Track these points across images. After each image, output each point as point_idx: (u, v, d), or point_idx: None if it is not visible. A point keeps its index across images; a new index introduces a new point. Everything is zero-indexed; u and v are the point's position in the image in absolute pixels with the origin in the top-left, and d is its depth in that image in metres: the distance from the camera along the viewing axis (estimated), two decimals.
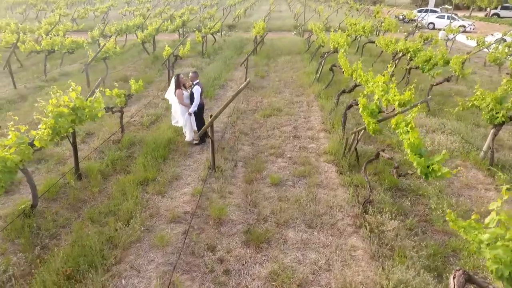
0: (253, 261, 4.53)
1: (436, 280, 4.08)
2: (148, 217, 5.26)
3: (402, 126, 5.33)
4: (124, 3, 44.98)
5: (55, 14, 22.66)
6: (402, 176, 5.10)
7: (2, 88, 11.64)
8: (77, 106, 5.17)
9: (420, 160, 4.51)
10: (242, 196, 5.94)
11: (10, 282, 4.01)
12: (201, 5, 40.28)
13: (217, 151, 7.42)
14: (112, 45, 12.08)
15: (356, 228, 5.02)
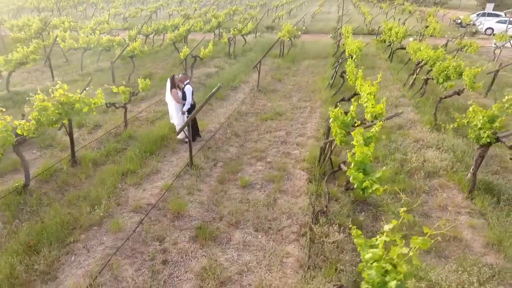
0: (192, 256, 4.87)
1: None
2: (114, 204, 5.83)
3: (358, 139, 5.30)
4: (176, 2, 47.47)
5: (105, 13, 24.71)
6: (350, 189, 5.07)
7: (43, 80, 13.20)
8: (64, 102, 5.89)
9: (357, 175, 4.50)
10: (210, 194, 6.29)
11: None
12: (246, 6, 41.10)
13: (203, 150, 7.85)
14: (138, 45, 13.06)
15: (298, 236, 5.11)
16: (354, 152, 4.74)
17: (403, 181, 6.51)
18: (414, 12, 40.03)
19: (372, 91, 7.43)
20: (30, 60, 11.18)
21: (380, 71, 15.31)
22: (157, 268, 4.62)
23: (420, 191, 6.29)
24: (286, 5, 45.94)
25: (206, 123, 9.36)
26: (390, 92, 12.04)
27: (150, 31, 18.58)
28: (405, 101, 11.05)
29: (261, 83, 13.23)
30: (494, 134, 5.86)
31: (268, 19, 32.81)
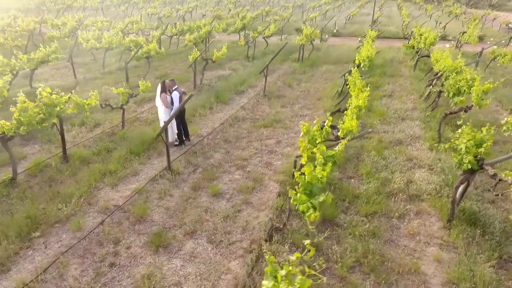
0: (140, 261, 4.98)
1: None
2: (85, 203, 6.12)
3: (319, 157, 5.09)
4: (215, 2, 48.41)
5: (138, 13, 25.80)
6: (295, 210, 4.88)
7: (66, 76, 14.14)
8: (48, 103, 6.28)
9: (299, 197, 4.32)
10: (179, 200, 6.38)
11: None
12: (280, 7, 40.90)
13: (187, 154, 7.98)
14: (154, 46, 13.53)
15: (246, 252, 5.03)
16: (303, 172, 4.56)
17: (379, 203, 6.14)
18: (460, 15, 37.45)
19: (360, 105, 7.13)
20: (52, 59, 12.02)
21: (401, 79, 14.60)
22: (102, 271, 4.79)
23: (395, 215, 5.91)
24: (324, 5, 45.05)
25: (199, 127, 9.49)
26: (403, 103, 11.40)
27: (174, 32, 19.15)
28: (415, 114, 10.40)
29: (270, 88, 13.13)
30: (478, 160, 5.35)
31: (301, 21, 32.35)
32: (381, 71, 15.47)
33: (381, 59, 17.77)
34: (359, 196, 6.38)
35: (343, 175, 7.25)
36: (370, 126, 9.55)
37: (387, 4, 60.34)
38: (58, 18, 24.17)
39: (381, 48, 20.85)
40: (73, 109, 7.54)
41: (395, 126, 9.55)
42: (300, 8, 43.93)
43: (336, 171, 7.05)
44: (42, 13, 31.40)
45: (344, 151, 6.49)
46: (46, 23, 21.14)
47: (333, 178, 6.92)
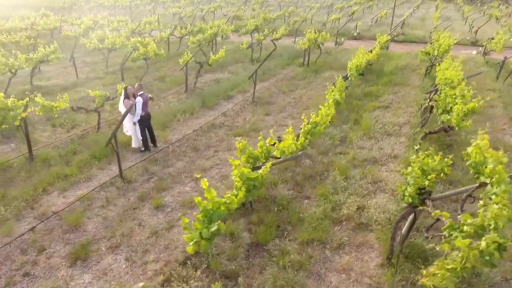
0: (54, 273, 4.96)
1: None
2: (28, 207, 6.22)
3: (236, 180, 4.80)
4: (242, 2, 48.47)
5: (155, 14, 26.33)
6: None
7: (69, 75, 14.66)
8: (1, 107, 6.47)
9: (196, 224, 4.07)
10: (120, 210, 6.32)
11: None
12: (306, 7, 40.06)
13: (147, 161, 7.92)
14: (152, 48, 13.67)
15: (155, 275, 4.83)
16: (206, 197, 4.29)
17: (322, 230, 5.70)
18: (500, 18, 34.62)
19: (317, 121, 6.70)
20: (51, 59, 12.51)
21: (407, 89, 13.68)
22: (14, 280, 4.82)
23: (334, 245, 5.44)
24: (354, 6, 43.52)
25: (168, 133, 9.39)
26: (397, 117, 10.63)
27: (183, 33, 19.30)
28: (404, 130, 9.65)
29: (261, 94, 12.82)
30: (424, 193, 4.78)
31: (324, 22, 31.44)
32: (388, 79, 14.59)
33: (393, 66, 16.80)
34: (304, 220, 5.97)
35: (300, 194, 6.85)
36: (349, 141, 8.98)
37: (426, 4, 57.33)
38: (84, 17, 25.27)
39: (400, 54, 19.77)
40: (39, 112, 7.75)
41: (376, 142, 8.90)
42: (327, 8, 42.80)
43: (263, 194, 6.59)
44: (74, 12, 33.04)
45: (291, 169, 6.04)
46: (66, 22, 22.15)
47: (284, 197, 6.54)
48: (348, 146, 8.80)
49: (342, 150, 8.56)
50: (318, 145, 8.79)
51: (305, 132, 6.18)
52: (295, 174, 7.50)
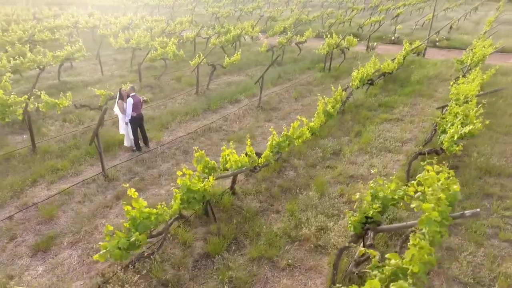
0: (15, 261, 5.38)
1: None
2: (14, 197, 6.79)
3: (175, 190, 4.84)
4: (284, 3, 48.22)
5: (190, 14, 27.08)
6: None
7: (94, 72, 15.64)
8: (3, 104, 7.12)
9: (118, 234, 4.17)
10: (94, 207, 6.65)
11: None
12: (347, 8, 38.74)
13: (134, 160, 8.24)
14: (171, 49, 14.13)
15: (96, 275, 5.03)
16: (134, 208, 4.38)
17: (275, 248, 5.54)
18: None
19: (288, 135, 6.53)
20: (77, 57, 13.46)
21: (429, 101, 12.78)
22: None
23: (282, 265, 5.27)
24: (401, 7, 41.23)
25: (163, 135, 9.64)
26: (405, 132, 9.96)
27: (210, 33, 19.68)
28: (406, 147, 9.02)
29: (270, 99, 12.70)
30: (370, 222, 4.47)
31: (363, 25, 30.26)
32: (411, 90, 13.70)
33: (422, 74, 15.72)
34: (262, 235, 5.85)
35: (271, 207, 6.71)
36: (343, 155, 8.60)
37: (488, 6, 52.68)
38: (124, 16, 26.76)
39: (436, 61, 18.45)
40: (42, 108, 8.40)
41: (370, 158, 8.42)
42: (372, 10, 41.03)
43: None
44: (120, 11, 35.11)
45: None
46: (106, 21, 23.62)
47: (250, 209, 6.46)
48: (339, 160, 8.43)
49: (331, 164, 8.23)
50: (308, 156, 8.52)
51: (271, 145, 6.02)
52: (274, 186, 7.36)
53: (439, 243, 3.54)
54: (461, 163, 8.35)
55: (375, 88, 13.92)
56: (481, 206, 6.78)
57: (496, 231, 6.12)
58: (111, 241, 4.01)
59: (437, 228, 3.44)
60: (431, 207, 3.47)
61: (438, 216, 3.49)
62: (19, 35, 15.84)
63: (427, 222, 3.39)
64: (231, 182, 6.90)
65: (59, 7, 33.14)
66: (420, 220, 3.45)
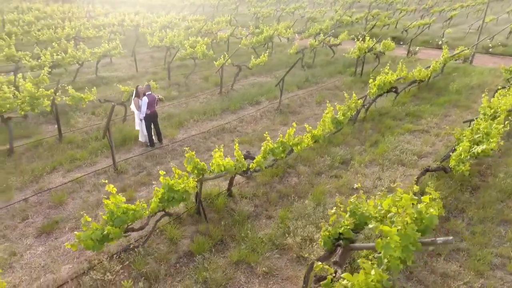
0: (22, 240, 5.94)
1: None
2: (34, 181, 7.47)
3: (157, 188, 5.04)
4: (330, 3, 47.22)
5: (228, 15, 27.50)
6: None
7: (130, 68, 16.54)
8: (31, 96, 7.84)
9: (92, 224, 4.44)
10: (100, 197, 7.12)
11: None
12: (396, 10, 36.88)
13: (145, 155, 8.65)
14: (200, 49, 14.54)
15: (85, 261, 5.39)
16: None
17: (257, 254, 5.54)
18: None
19: (283, 141, 6.47)
20: (113, 54, 14.37)
21: (464, 113, 11.89)
22: None
23: (260, 272, 5.26)
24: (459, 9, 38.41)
25: (177, 132, 9.96)
26: (427, 145, 9.36)
27: (244, 34, 19.90)
28: (422, 162, 8.48)
29: (292, 102, 12.59)
30: (340, 238, 4.33)
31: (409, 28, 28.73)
32: (447, 99, 12.80)
33: (463, 83, 14.60)
34: (250, 240, 5.86)
35: (265, 212, 6.71)
36: (352, 165, 8.30)
37: None
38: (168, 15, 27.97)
39: (483, 69, 17.02)
40: (69, 101, 9.11)
41: (381, 171, 8.04)
42: (423, 12, 38.70)
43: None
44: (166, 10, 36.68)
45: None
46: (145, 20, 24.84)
47: (241, 213, 6.50)
48: (347, 170, 8.15)
49: (338, 173, 7.99)
50: (315, 164, 8.35)
51: (265, 151, 6.01)
52: (273, 191, 7.33)
53: (398, 269, 3.32)
54: (484, 183, 7.69)
55: (406, 96, 13.21)
56: (495, 232, 6.21)
57: (505, 262, 5.57)
58: (86, 231, 4.28)
59: (396, 253, 3.23)
60: (391, 230, 3.27)
61: (398, 241, 3.28)
62: (67, 32, 17.25)
63: (384, 246, 3.20)
64: (228, 184, 7.00)
65: (112, 5, 35.46)
66: (377, 243, 3.27)
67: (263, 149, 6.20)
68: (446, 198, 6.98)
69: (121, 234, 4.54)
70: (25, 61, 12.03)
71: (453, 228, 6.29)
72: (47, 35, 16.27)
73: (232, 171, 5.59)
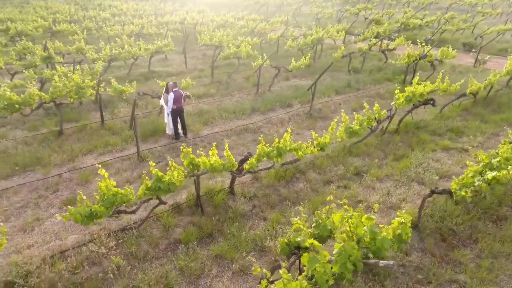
0: (49, 210, 6.96)
1: None
2: (70, 160, 8.61)
3: (146, 177, 5.54)
4: (403, 4, 44.43)
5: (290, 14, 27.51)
6: None
7: (181, 65, 17.68)
8: (77, 86, 9.01)
9: (86, 201, 5.07)
10: (120, 181, 7.96)
11: None
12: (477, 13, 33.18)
13: (167, 147, 9.35)
14: (244, 48, 15.01)
15: (88, 234, 6.13)
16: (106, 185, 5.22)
17: (236, 251, 5.76)
18: None
19: (279, 146, 6.56)
20: (165, 51, 15.57)
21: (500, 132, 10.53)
22: (28, 204, 7.05)
23: (236, 269, 5.47)
24: None
25: (203, 128, 10.49)
26: (458, 165, 8.58)
27: (295, 35, 19.89)
28: (446, 183, 7.81)
29: (326, 107, 12.38)
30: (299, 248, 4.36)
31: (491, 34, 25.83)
32: (504, 117, 11.45)
33: None
34: (236, 238, 6.10)
35: (262, 214, 6.87)
36: (365, 178, 7.98)
37: None
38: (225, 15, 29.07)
39: None
40: (111, 92, 10.23)
41: (394, 187, 7.61)
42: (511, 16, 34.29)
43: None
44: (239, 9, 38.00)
45: None
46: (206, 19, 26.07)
47: (236, 211, 6.75)
48: (358, 182, 7.88)
49: (348, 184, 7.77)
50: (327, 172, 8.22)
51: (259, 154, 6.16)
52: (275, 194, 7.44)
53: (325, 285, 3.28)
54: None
55: (454, 110, 12.10)
56: (505, 270, 5.56)
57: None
58: (78, 208, 4.94)
59: (323, 269, 3.22)
60: (320, 245, 3.26)
61: (327, 257, 3.25)
62: (131, 28, 19.08)
63: (310, 260, 3.21)
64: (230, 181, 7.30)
65: (182, 4, 37.93)
66: (303, 257, 3.28)
67: (258, 152, 6.35)
68: (458, 225, 6.40)
69: (108, 214, 5.12)
70: (88, 54, 13.69)
71: (457, 258, 5.77)
72: (114, 31, 18.19)
73: (220, 169, 5.86)
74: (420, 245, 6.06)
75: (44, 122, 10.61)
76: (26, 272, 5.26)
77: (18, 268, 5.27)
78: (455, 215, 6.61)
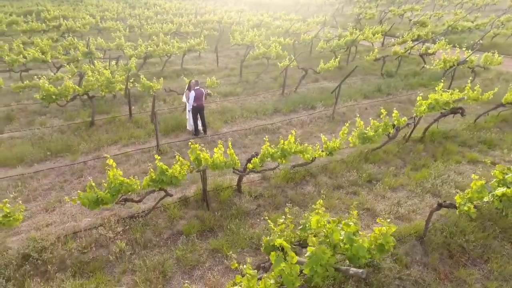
0: (70, 192, 7.60)
1: None
2: (97, 149, 9.27)
3: (152, 170, 5.86)
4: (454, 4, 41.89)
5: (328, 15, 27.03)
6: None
7: (212, 63, 18.12)
8: (107, 81, 9.67)
9: (95, 188, 5.50)
10: (138, 171, 8.45)
11: None
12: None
13: (185, 142, 9.73)
14: (274, 49, 15.11)
15: (100, 218, 6.61)
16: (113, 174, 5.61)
17: (232, 247, 5.91)
18: None
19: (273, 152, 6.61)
20: (197, 49, 16.10)
21: None
22: (54, 187, 7.75)
23: (226, 265, 5.64)
24: None
25: (222, 125, 10.74)
26: (488, 181, 8.02)
27: (330, 36, 19.57)
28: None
29: (350, 111, 12.13)
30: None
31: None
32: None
33: None
34: (234, 234, 6.26)
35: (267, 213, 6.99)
36: (377, 186, 7.76)
37: None
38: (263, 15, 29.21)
39: None
40: (140, 88, 10.84)
41: (405, 198, 7.33)
42: None
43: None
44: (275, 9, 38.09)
45: None
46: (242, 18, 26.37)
47: (240, 209, 6.90)
48: (369, 190, 7.68)
49: (358, 191, 7.62)
50: (339, 177, 8.11)
51: (263, 154, 6.25)
52: (282, 195, 7.49)
53: (292, 287, 3.32)
54: None
55: (492, 121, 11.27)
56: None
57: None
58: (87, 193, 5.38)
59: (289, 270, 3.27)
60: (288, 247, 3.31)
61: (294, 258, 3.29)
62: (169, 27, 19.92)
63: (276, 260, 3.28)
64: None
65: (223, 3, 38.73)
66: (271, 256, 3.35)
67: (262, 152, 6.44)
68: (470, 242, 6.05)
69: (113, 201, 5.51)
70: (126, 51, 14.56)
71: (462, 277, 5.47)
72: (153, 29, 19.13)
73: (221, 166, 6.04)
74: (424, 259, 5.81)
75: (79, 113, 11.51)
76: (42, 247, 5.82)
77: (35, 243, 5.85)
78: (468, 232, 6.24)
